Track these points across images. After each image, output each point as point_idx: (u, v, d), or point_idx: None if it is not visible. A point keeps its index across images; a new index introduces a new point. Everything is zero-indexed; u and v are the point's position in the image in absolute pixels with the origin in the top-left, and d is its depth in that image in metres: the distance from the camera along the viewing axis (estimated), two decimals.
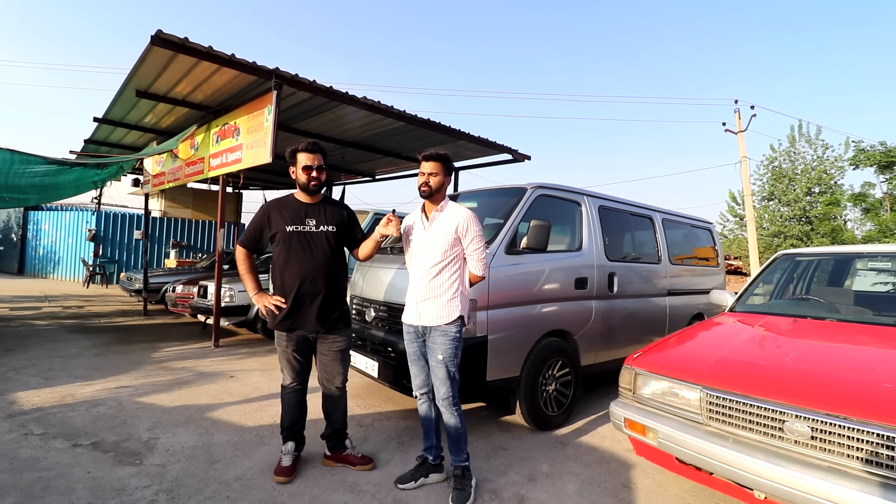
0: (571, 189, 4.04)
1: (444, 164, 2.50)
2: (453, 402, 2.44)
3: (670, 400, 2.26)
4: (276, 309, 2.56)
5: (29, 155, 5.35)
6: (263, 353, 5.67)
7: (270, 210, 2.63)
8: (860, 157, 18.74)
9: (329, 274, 2.59)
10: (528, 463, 2.90)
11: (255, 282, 2.65)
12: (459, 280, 2.47)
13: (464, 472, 2.47)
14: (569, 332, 3.70)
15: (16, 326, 6.71)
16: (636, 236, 4.81)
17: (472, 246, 2.46)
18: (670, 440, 2.14)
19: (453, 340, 2.41)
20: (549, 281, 3.58)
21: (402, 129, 7.03)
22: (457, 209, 2.50)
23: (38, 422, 3.16)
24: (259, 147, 5.07)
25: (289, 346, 2.60)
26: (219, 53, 4.53)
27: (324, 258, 2.58)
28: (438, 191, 2.50)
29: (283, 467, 2.55)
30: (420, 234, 2.56)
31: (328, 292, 2.59)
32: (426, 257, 2.48)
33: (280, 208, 2.63)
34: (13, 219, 15.52)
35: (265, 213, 2.63)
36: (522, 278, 3.39)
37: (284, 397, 2.68)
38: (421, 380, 2.57)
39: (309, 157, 2.58)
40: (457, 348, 2.43)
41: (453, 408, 2.44)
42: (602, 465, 2.93)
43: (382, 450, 2.98)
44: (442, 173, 2.49)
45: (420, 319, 2.47)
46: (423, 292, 2.46)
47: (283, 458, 2.61)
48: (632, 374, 2.42)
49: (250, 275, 2.66)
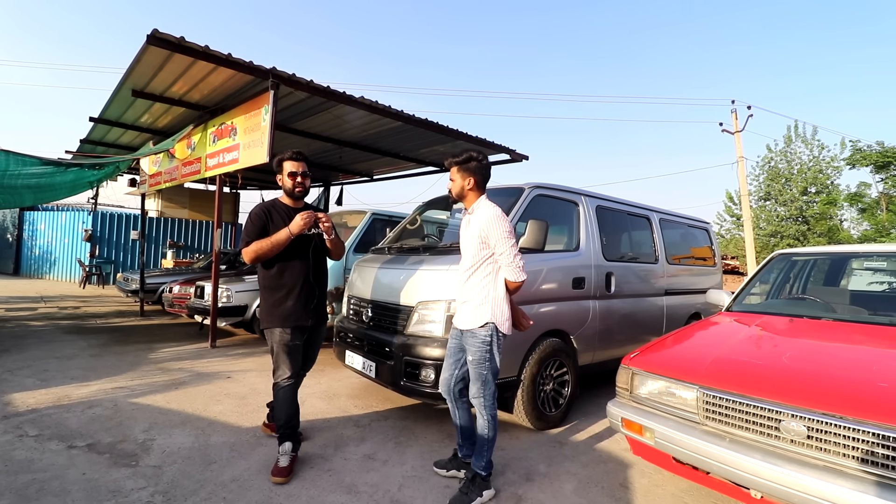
0: (569, 189, 4.04)
1: (460, 168, 2.48)
2: (484, 403, 2.43)
3: (667, 399, 2.26)
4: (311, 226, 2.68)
5: (24, 156, 5.32)
6: (260, 353, 5.65)
7: (270, 210, 2.76)
8: (857, 156, 18.80)
9: (319, 274, 2.84)
10: (525, 462, 2.90)
11: (280, 232, 2.64)
12: (492, 284, 2.41)
13: (475, 478, 2.42)
14: (566, 332, 3.70)
15: (11, 327, 6.68)
16: (633, 236, 4.81)
17: (498, 249, 2.36)
18: (667, 440, 2.14)
19: (483, 344, 2.38)
20: (546, 281, 3.58)
21: (400, 129, 7.02)
22: (483, 210, 2.42)
23: (33, 423, 3.14)
24: (256, 147, 5.06)
25: (292, 339, 2.70)
26: (215, 53, 4.52)
27: (315, 259, 2.81)
28: (461, 195, 2.50)
29: (281, 468, 2.55)
30: (461, 236, 2.61)
31: (321, 290, 2.83)
32: (462, 261, 2.56)
33: (273, 211, 2.76)
34: (9, 219, 15.45)
35: (266, 212, 2.74)
36: None
37: (280, 393, 2.69)
38: (447, 375, 2.60)
39: (294, 164, 2.78)
40: (488, 352, 2.39)
41: (484, 409, 2.43)
42: (599, 465, 2.93)
43: (379, 450, 2.98)
44: (460, 177, 2.48)
45: (458, 322, 2.52)
46: (460, 295, 2.53)
47: (280, 459, 2.60)
48: (629, 374, 2.42)
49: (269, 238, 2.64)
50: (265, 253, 2.64)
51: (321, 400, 3.93)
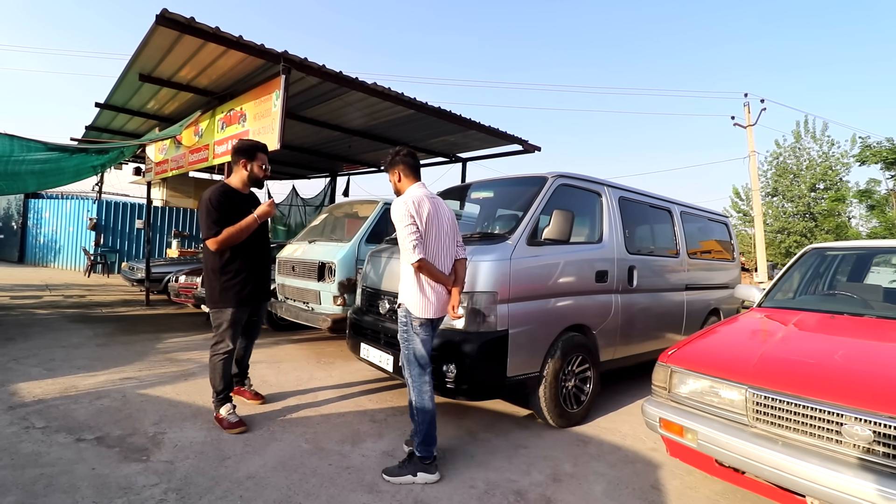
0: (592, 179, 3.90)
1: (387, 169, 2.65)
2: (411, 384, 2.54)
3: (710, 399, 2.13)
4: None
5: (29, 140, 5.20)
6: (269, 344, 5.55)
7: (229, 197, 2.97)
8: (866, 153, 18.58)
9: (267, 257, 3.22)
10: (550, 462, 2.79)
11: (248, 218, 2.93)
12: (407, 267, 2.51)
13: (412, 455, 2.48)
14: (588, 327, 3.57)
15: (16, 315, 6.59)
16: (655, 229, 4.67)
17: (397, 233, 2.47)
18: (712, 442, 2.01)
19: (401, 324, 2.54)
20: (570, 273, 3.45)
21: (411, 118, 6.86)
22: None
23: (39, 414, 3.04)
24: (267, 133, 4.91)
25: (242, 317, 3.03)
26: (226, 35, 4.36)
27: (264, 243, 3.19)
28: (398, 190, 2.63)
29: (238, 420, 2.93)
30: None
31: (268, 271, 3.26)
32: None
33: (232, 197, 2.98)
34: (13, 206, 15.36)
35: (228, 197, 2.95)
36: (544, 271, 3.26)
37: (220, 363, 2.96)
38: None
39: (265, 158, 3.14)
40: (406, 332, 2.52)
41: (412, 390, 2.53)
42: (627, 465, 2.81)
43: (398, 447, 2.86)
44: (390, 175, 2.64)
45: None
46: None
47: (230, 417, 2.92)
48: (667, 372, 2.30)
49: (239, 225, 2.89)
50: (235, 239, 2.87)
51: (334, 392, 3.82)
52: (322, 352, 5.31)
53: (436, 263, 2.44)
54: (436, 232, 2.45)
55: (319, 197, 12.82)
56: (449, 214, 2.59)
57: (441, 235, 2.48)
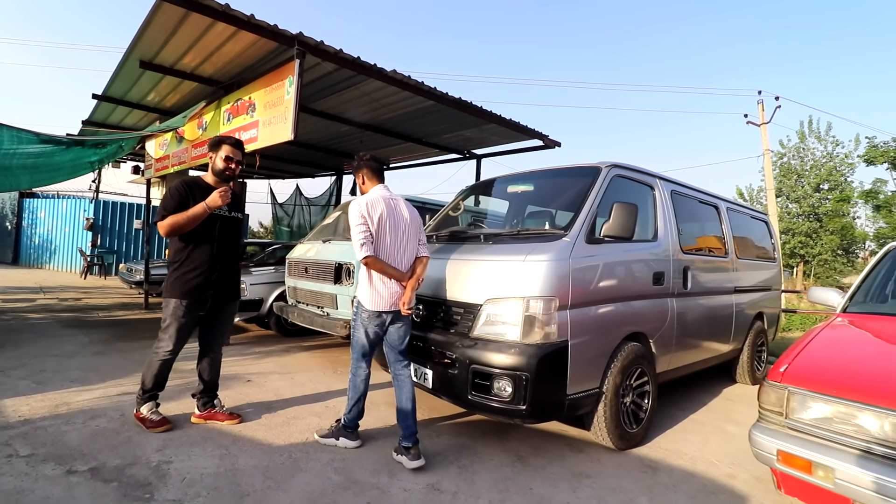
0: (645, 171, 3.52)
1: (353, 174, 2.90)
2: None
3: (843, 429, 1.74)
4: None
5: (22, 131, 4.79)
6: (279, 352, 5.15)
7: (192, 188, 2.82)
8: (872, 153, 18.32)
9: (235, 254, 3.06)
10: (622, 495, 2.39)
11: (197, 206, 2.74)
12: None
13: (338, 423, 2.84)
14: (646, 335, 3.18)
15: (7, 320, 6.17)
16: (705, 226, 4.29)
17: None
18: (857, 483, 1.62)
19: (353, 316, 2.74)
20: (629, 275, 3.07)
21: (427, 111, 6.45)
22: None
23: (25, 438, 2.62)
24: (279, 123, 4.51)
25: (186, 314, 2.80)
26: (236, 13, 3.96)
27: (234, 240, 3.02)
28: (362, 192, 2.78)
29: (161, 419, 2.83)
30: None
31: (236, 269, 3.09)
32: None
33: (195, 188, 2.84)
34: (8, 206, 14.91)
35: (188, 189, 2.80)
36: (604, 271, 2.87)
37: (157, 364, 2.83)
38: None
39: (232, 150, 2.94)
40: (354, 321, 2.73)
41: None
42: (710, 497, 2.42)
43: (443, 478, 2.46)
44: (356, 178, 2.82)
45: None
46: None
47: (152, 416, 2.81)
48: (783, 394, 1.90)
49: (186, 212, 2.73)
50: (181, 227, 2.73)
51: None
52: (337, 360, 4.91)
53: (391, 261, 2.59)
54: (391, 231, 2.59)
55: (325, 196, 12.40)
56: (410, 215, 2.72)
57: (398, 234, 2.62)
